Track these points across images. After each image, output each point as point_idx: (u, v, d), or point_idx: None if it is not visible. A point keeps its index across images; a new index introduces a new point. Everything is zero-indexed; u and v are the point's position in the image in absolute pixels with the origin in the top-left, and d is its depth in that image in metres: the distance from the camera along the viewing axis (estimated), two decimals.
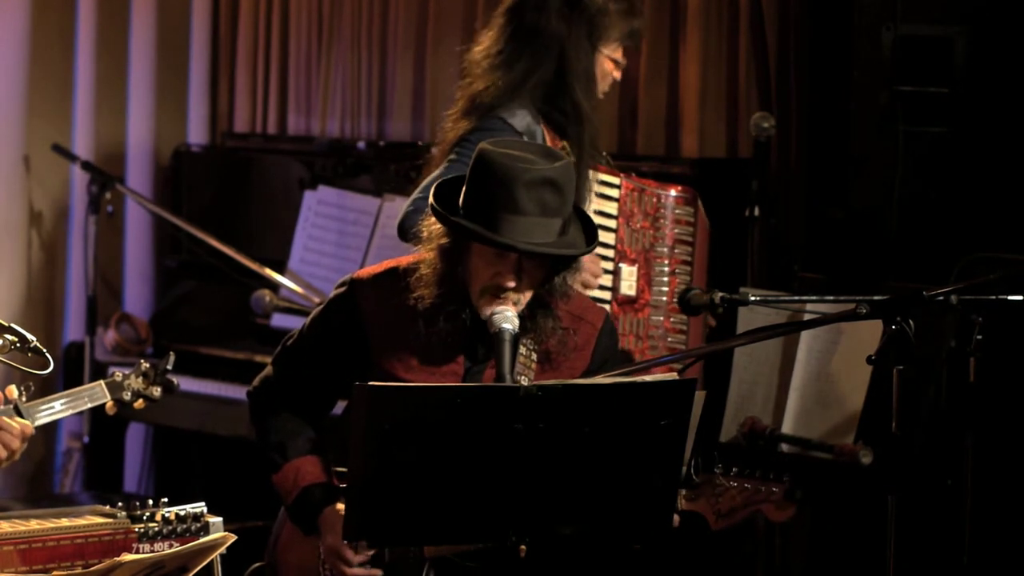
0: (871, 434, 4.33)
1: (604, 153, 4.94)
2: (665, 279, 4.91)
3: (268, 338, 5.93)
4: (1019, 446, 4.81)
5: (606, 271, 4.87)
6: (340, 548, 3.94)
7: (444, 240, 3.95)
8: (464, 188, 3.92)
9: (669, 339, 4.91)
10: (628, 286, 4.88)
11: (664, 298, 4.90)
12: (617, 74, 4.88)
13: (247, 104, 7.09)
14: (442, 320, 3.95)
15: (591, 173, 4.80)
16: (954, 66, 5.36)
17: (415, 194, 4.63)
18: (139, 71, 7.01)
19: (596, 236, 4.01)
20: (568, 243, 3.90)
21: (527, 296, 3.94)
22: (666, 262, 4.92)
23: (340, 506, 3.95)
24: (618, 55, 4.85)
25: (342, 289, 4.10)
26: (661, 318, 4.89)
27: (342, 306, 4.08)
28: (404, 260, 4.11)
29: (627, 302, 4.83)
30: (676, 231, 4.94)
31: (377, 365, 4.03)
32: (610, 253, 4.89)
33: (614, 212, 4.87)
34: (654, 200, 4.93)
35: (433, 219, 3.99)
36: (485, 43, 4.79)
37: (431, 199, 3.96)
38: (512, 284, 3.89)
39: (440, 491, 3.55)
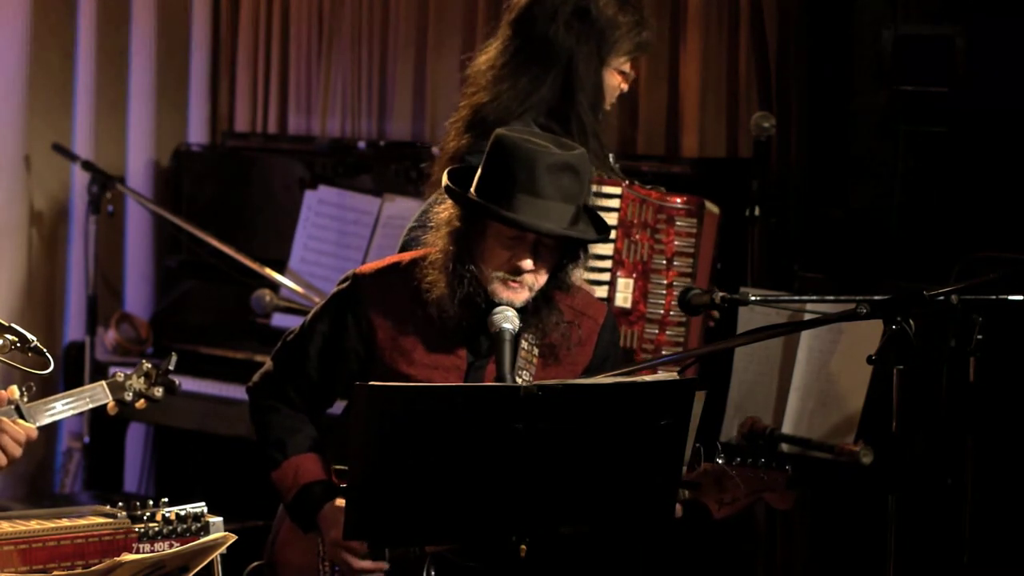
0: (871, 434, 4.33)
1: (616, 167, 4.89)
2: (662, 292, 4.85)
3: (268, 338, 5.92)
4: (1019, 446, 4.82)
5: (602, 282, 4.82)
6: (345, 541, 3.93)
7: (457, 224, 3.96)
8: (480, 172, 3.93)
9: (664, 352, 4.86)
10: (623, 298, 4.83)
11: (660, 311, 4.85)
12: (625, 86, 4.82)
13: (247, 104, 7.09)
14: (456, 305, 3.94)
15: (592, 186, 4.74)
16: (954, 66, 5.36)
17: (411, 223, 4.61)
18: (139, 71, 7.01)
19: (607, 227, 4.03)
20: (581, 231, 3.92)
21: (542, 280, 3.95)
22: (663, 276, 4.86)
23: (340, 502, 3.94)
24: (627, 67, 4.78)
25: (345, 284, 4.11)
26: (656, 331, 4.84)
27: (345, 301, 4.08)
28: (406, 256, 4.12)
29: (621, 314, 4.79)
30: (677, 243, 4.85)
31: (379, 360, 4.03)
32: (607, 264, 4.84)
33: (613, 222, 4.79)
34: (655, 211, 4.86)
35: (444, 206, 4.00)
36: (490, 53, 4.73)
37: (445, 180, 3.96)
38: (530, 265, 3.90)
39: (440, 491, 3.55)
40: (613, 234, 4.77)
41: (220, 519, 3.78)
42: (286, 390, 4.12)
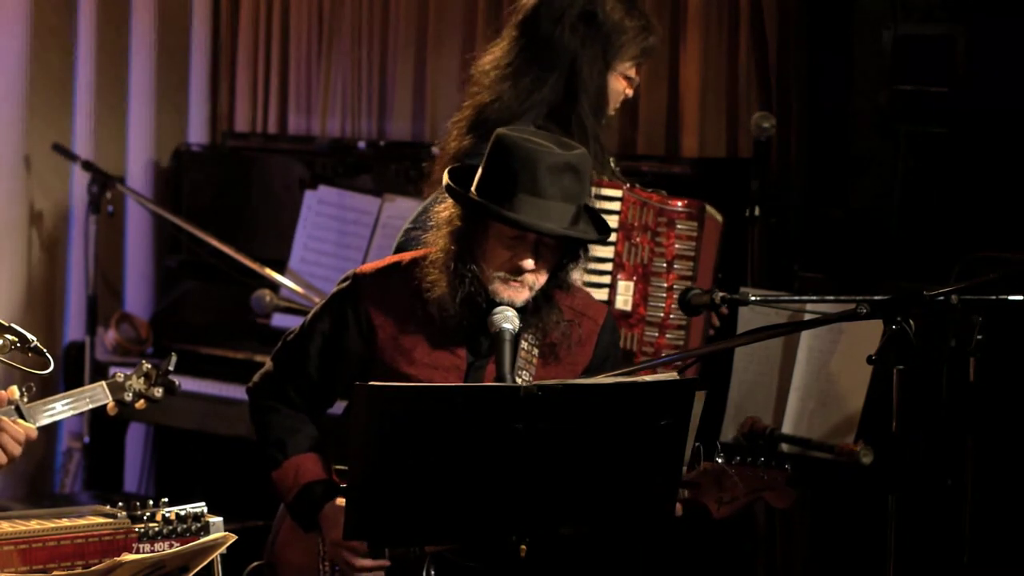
0: (871, 434, 4.33)
1: (616, 170, 4.88)
2: (662, 295, 4.84)
3: (268, 338, 5.93)
4: (1019, 446, 4.81)
5: (602, 285, 4.81)
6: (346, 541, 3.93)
7: (458, 223, 3.96)
8: (480, 171, 3.93)
9: (664, 355, 4.84)
10: (623, 301, 4.82)
11: (660, 314, 4.84)
12: (630, 92, 4.80)
13: (247, 104, 7.09)
14: (457, 304, 3.95)
15: (592, 188, 4.73)
16: (954, 66, 5.36)
17: (406, 224, 4.61)
18: (139, 71, 7.02)
19: (608, 227, 4.03)
20: (582, 231, 3.92)
21: (543, 279, 3.95)
22: (664, 279, 4.85)
23: (341, 501, 3.94)
24: (632, 73, 4.76)
25: (345, 283, 4.11)
26: (656, 334, 4.83)
27: (345, 300, 4.09)
28: (406, 256, 4.12)
29: (621, 317, 4.78)
30: (677, 246, 4.84)
31: (380, 359, 4.03)
32: (607, 267, 4.83)
33: (614, 225, 4.77)
34: (655, 214, 4.85)
35: (444, 205, 4.00)
36: (495, 53, 4.71)
37: (446, 179, 3.97)
38: (531, 265, 3.90)
39: (440, 491, 3.55)
40: (613, 237, 4.76)
41: (220, 519, 3.78)
42: (286, 390, 4.12)
